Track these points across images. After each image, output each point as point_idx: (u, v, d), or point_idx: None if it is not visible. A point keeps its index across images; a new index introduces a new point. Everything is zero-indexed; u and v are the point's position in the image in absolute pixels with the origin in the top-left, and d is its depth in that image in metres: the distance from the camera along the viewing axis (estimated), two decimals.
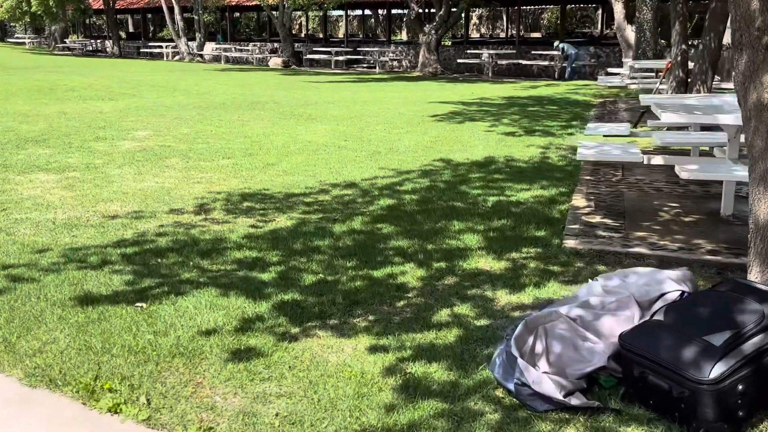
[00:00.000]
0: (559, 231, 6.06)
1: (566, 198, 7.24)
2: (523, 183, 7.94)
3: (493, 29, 47.93)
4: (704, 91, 11.21)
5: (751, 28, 3.39)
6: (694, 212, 6.67)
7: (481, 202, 7.11)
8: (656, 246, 5.61)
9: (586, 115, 14.45)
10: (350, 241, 5.76)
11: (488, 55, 27.62)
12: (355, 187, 7.84)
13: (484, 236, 5.91)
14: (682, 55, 11.59)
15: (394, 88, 21.57)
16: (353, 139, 11.24)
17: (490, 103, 16.53)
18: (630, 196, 7.29)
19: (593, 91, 19.63)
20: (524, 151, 10.08)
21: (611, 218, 6.45)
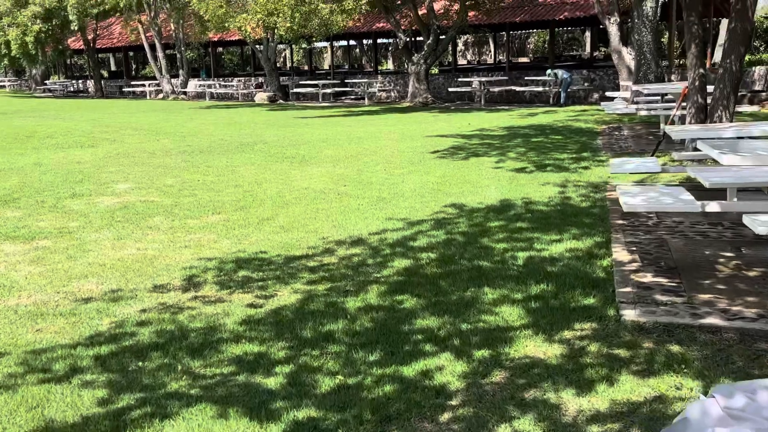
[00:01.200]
0: (610, 296, 5.18)
1: (605, 250, 6.38)
2: (551, 232, 7.08)
3: (479, 55, 47.47)
4: (726, 117, 10.44)
5: None
6: (756, 263, 5.81)
7: (509, 259, 6.23)
8: (730, 314, 4.74)
9: (593, 144, 13.67)
10: (368, 322, 4.86)
11: (479, 82, 26.94)
12: (363, 244, 6.96)
13: (525, 308, 5.02)
14: (700, 79, 10.84)
15: (387, 121, 20.78)
16: (353, 183, 10.38)
17: (492, 135, 15.73)
18: (676, 245, 6.43)
19: (594, 117, 18.89)
20: (541, 190, 9.23)
21: (664, 276, 5.58)
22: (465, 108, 24.96)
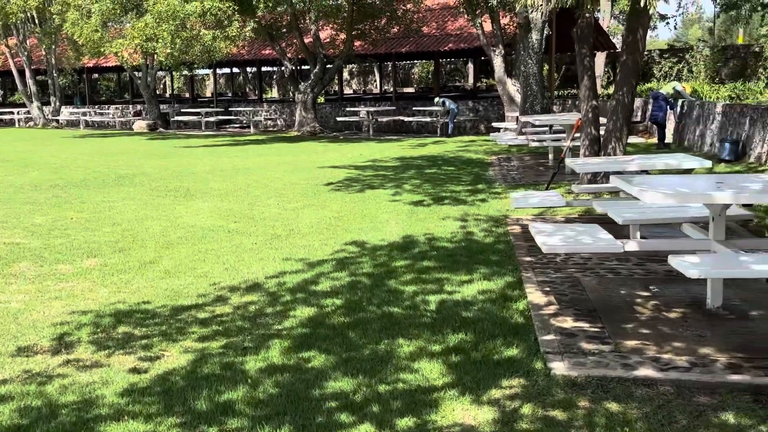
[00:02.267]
0: (533, 345, 4.81)
1: (518, 291, 6.04)
2: (460, 272, 6.70)
3: (365, 84, 47.55)
4: (620, 149, 10.49)
5: None
6: (673, 303, 5.62)
7: (421, 304, 5.79)
8: (662, 363, 4.45)
9: (486, 175, 13.57)
10: (273, 387, 4.27)
11: (367, 112, 26.75)
12: (260, 290, 6.35)
13: (446, 362, 4.57)
14: (593, 111, 10.88)
15: (276, 150, 20.14)
16: (244, 219, 9.71)
17: (385, 166, 15.40)
18: (590, 285, 6.18)
19: (483, 147, 18.95)
20: (442, 225, 8.89)
21: (585, 320, 5.28)
22: (354, 138, 24.66)
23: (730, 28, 42.22)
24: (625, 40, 10.35)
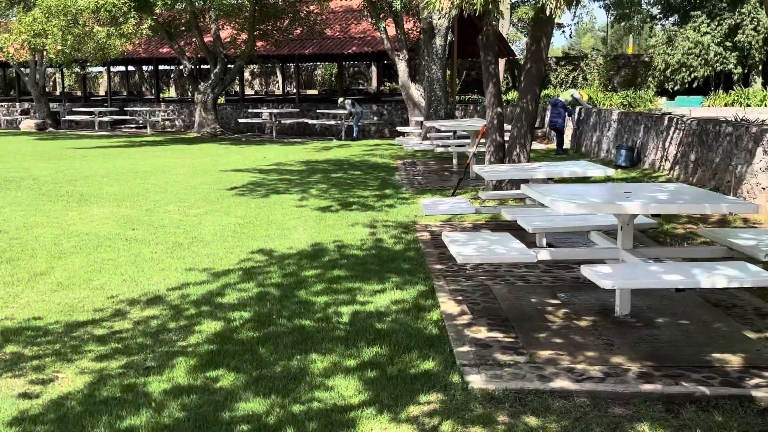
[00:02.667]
0: (449, 358, 4.73)
1: (431, 300, 5.97)
2: (372, 281, 6.58)
3: (267, 85, 46.93)
4: (524, 156, 10.65)
5: None
6: (582, 311, 5.67)
7: (333, 316, 5.63)
8: (577, 374, 4.45)
9: (393, 180, 13.54)
10: (179, 410, 4.01)
11: (270, 113, 26.34)
12: (162, 303, 6.03)
13: (361, 378, 4.42)
14: (498, 117, 11.01)
15: (175, 153, 19.50)
16: (142, 225, 9.28)
17: (290, 170, 15.14)
18: (501, 293, 6.18)
19: (389, 152, 18.96)
20: (351, 232, 8.76)
21: (499, 329, 5.25)
22: (256, 140, 24.23)
23: (621, 38, 44.02)
24: (528, 49, 10.52)
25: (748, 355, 4.70)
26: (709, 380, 4.33)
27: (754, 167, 10.05)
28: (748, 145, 10.23)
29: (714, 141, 11.29)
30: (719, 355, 4.70)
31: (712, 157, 11.29)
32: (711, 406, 4.04)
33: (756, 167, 10.00)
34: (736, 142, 10.59)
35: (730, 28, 27.23)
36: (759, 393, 4.13)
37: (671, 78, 28.40)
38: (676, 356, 4.72)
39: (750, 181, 10.11)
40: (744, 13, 27.09)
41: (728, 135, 10.86)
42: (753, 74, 28.42)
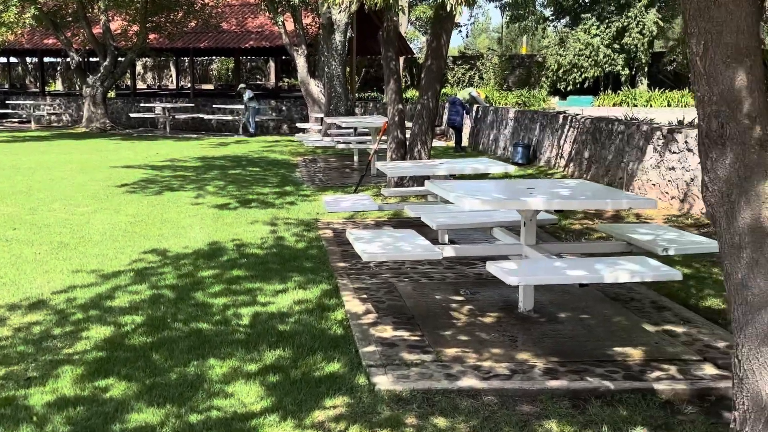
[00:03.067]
0: (354, 358, 4.59)
1: (335, 300, 5.82)
2: (274, 281, 6.36)
3: (160, 79, 45.51)
4: (425, 153, 10.64)
5: (738, 114, 2.30)
6: (488, 307, 5.65)
7: (233, 318, 5.38)
8: (484, 372, 4.40)
9: (294, 177, 13.29)
10: (63, 425, 3.70)
11: (163, 108, 25.48)
12: (46, 308, 5.62)
13: (264, 384, 4.22)
14: (399, 114, 10.95)
15: (62, 148, 18.54)
16: (24, 225, 8.70)
17: (185, 166, 14.63)
18: (406, 291, 6.09)
19: (288, 148, 18.66)
20: (251, 231, 8.49)
21: (405, 328, 5.15)
22: (149, 136, 23.39)
23: (515, 38, 45.12)
24: (429, 46, 10.51)
25: (648, 348, 4.77)
26: (612, 374, 4.36)
27: (644, 164, 10.39)
28: (639, 143, 10.57)
29: (607, 139, 11.63)
30: (621, 349, 4.75)
31: (605, 155, 11.62)
32: (615, 401, 4.06)
33: (647, 164, 10.34)
34: (627, 140, 10.93)
35: (618, 31, 28.30)
36: (660, 386, 4.19)
37: (563, 78, 29.27)
38: (579, 351, 4.74)
39: (641, 177, 10.45)
40: (630, 16, 28.22)
41: (620, 133, 11.20)
42: (639, 76, 29.65)
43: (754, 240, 2.36)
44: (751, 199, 2.34)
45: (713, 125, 2.36)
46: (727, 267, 2.47)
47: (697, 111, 2.45)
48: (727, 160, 2.36)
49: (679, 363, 4.53)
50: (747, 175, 2.34)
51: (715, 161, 2.39)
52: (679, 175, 9.56)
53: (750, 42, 2.29)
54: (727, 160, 2.35)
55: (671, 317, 5.42)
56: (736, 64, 2.28)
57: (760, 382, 2.39)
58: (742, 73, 2.27)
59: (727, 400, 4.09)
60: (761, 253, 2.36)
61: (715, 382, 4.25)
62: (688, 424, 3.78)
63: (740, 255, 2.39)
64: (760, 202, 2.34)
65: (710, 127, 2.38)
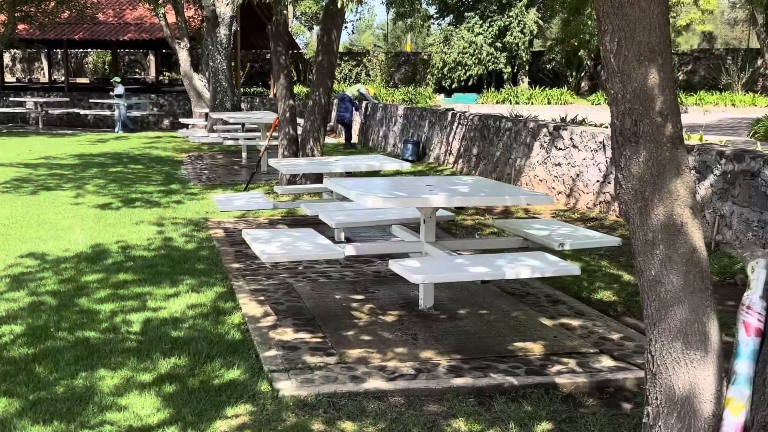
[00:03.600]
0: (255, 364, 4.43)
1: (231, 303, 5.61)
2: (164, 284, 6.07)
3: (30, 72, 43.13)
4: (317, 149, 10.51)
5: (651, 112, 2.31)
6: (388, 306, 5.60)
7: (122, 326, 5.09)
8: (389, 372, 4.34)
9: (179, 174, 12.85)
10: None
11: (35, 103, 24.12)
12: None
13: (160, 395, 3.99)
14: (290, 110, 10.76)
15: None
16: None
17: (62, 164, 13.86)
18: (304, 291, 5.95)
19: (172, 144, 18.04)
20: (136, 231, 8.10)
21: (305, 330, 5.03)
22: (20, 132, 22.09)
23: (400, 36, 45.55)
24: (320, 41, 10.38)
25: (547, 343, 4.85)
26: (515, 370, 4.40)
27: (532, 160, 10.66)
28: (527, 139, 10.84)
29: (495, 136, 11.85)
30: (521, 344, 4.80)
31: (493, 151, 11.85)
32: (520, 396, 4.09)
33: (534, 160, 10.61)
34: (515, 137, 11.18)
35: (500, 30, 29.02)
36: (561, 380, 4.25)
37: (448, 76, 29.75)
38: (481, 347, 4.76)
39: (528, 173, 10.71)
40: (512, 16, 29.00)
41: (508, 130, 11.45)
42: (521, 74, 30.53)
43: (667, 237, 2.40)
44: (664, 197, 2.38)
45: (627, 123, 2.38)
46: (641, 264, 2.50)
47: (610, 109, 2.47)
48: (640, 158, 2.38)
49: (578, 356, 4.63)
50: (660, 172, 2.37)
51: (629, 159, 2.41)
52: (565, 170, 9.86)
53: (661, 40, 2.32)
54: (641, 158, 2.38)
55: (566, 311, 5.55)
56: (649, 62, 2.31)
57: (673, 377, 2.44)
58: (655, 71, 2.30)
59: (624, 391, 4.21)
60: (674, 249, 2.40)
61: (613, 373, 4.36)
62: (590, 417, 3.85)
63: (653, 252, 2.42)
64: (672, 199, 2.38)
65: (624, 125, 2.40)
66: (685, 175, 2.43)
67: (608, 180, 8.94)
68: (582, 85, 30.98)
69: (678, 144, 2.38)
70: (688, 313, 2.39)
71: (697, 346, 2.41)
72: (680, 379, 2.42)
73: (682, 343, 2.41)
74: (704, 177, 7.32)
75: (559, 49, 29.59)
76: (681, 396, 2.41)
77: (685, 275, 2.40)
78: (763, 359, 2.38)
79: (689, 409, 2.42)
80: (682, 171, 2.41)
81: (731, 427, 2.38)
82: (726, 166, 7.04)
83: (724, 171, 7.06)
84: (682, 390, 2.41)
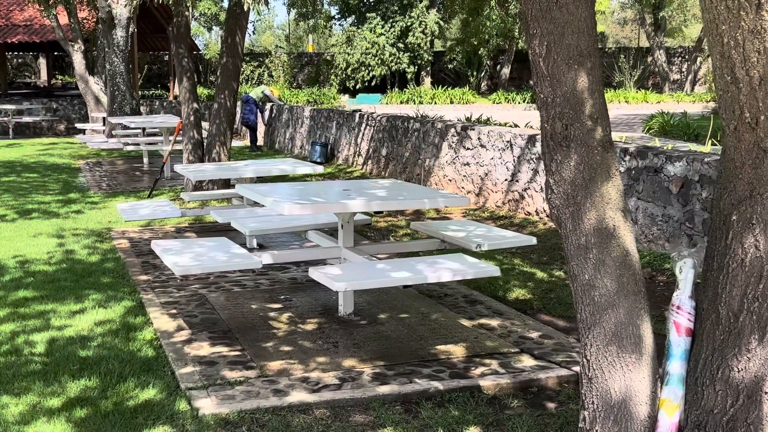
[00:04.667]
0: (171, 382, 4.24)
1: (141, 317, 5.37)
2: (68, 300, 5.76)
3: None
4: (224, 154, 10.25)
5: (581, 116, 2.30)
6: (307, 314, 5.49)
7: (25, 347, 4.78)
8: (313, 383, 4.24)
9: (78, 183, 12.30)
10: None
11: None
12: None
13: (70, 420, 3.76)
14: (195, 114, 10.45)
15: None
16: None
17: None
18: (219, 301, 5.77)
19: (68, 151, 17.28)
20: (35, 245, 7.68)
21: (223, 343, 4.86)
22: None
23: (302, 36, 45.24)
24: (224, 43, 10.13)
25: (468, 344, 4.85)
26: (439, 374, 4.37)
27: (441, 160, 10.74)
28: (435, 140, 10.90)
29: (403, 137, 11.88)
30: (443, 347, 4.79)
31: (402, 152, 11.88)
32: (446, 401, 4.06)
33: (443, 160, 10.69)
34: (423, 138, 11.24)
35: (402, 30, 29.24)
36: (485, 382, 4.25)
37: (352, 76, 29.75)
38: (404, 352, 4.72)
39: (438, 173, 10.79)
40: (413, 16, 29.27)
41: (416, 131, 11.49)
42: (423, 74, 30.85)
43: (599, 241, 2.41)
44: (596, 200, 2.38)
45: (557, 127, 2.37)
46: (574, 268, 2.50)
47: (540, 113, 2.45)
48: (571, 162, 2.37)
49: (499, 356, 4.65)
50: (591, 176, 2.37)
51: (560, 163, 2.40)
52: (474, 170, 9.97)
53: (590, 43, 2.32)
54: (572, 162, 2.37)
55: (484, 311, 5.58)
56: (578, 66, 2.30)
57: (609, 381, 2.44)
58: (584, 75, 2.30)
59: (547, 390, 4.25)
60: (607, 253, 2.40)
61: (535, 373, 4.39)
62: (517, 419, 3.86)
63: (587, 256, 2.42)
64: (604, 202, 2.39)
65: (554, 130, 2.39)
66: (616, 178, 2.45)
67: (516, 178, 9.09)
68: (482, 85, 31.59)
69: (608, 147, 2.39)
70: (622, 317, 2.41)
71: (631, 349, 2.43)
72: (616, 383, 2.43)
73: (617, 346, 2.42)
74: None
75: (460, 50, 30.06)
76: (617, 399, 2.42)
77: (619, 278, 2.42)
78: (694, 359, 2.42)
79: (625, 411, 2.43)
80: (612, 174, 2.42)
81: (666, 427, 2.40)
82: (630, 163, 7.26)
83: (629, 168, 7.27)
84: (618, 393, 2.42)
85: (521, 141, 9.01)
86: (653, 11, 29.43)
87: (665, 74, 30.22)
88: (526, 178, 8.92)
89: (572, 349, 4.73)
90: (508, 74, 31.27)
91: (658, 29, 29.65)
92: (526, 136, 8.94)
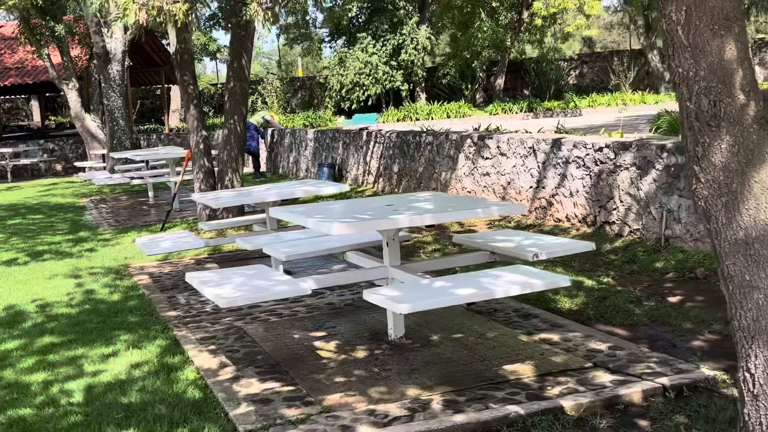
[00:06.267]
0: (227, 426, 3.90)
1: (180, 355, 5.03)
2: (98, 343, 5.41)
3: None
4: (237, 180, 9.94)
5: (732, 89, 1.99)
6: (355, 340, 5.16)
7: (61, 397, 4.43)
8: (381, 416, 3.90)
9: (85, 221, 11.96)
10: None
11: None
12: None
13: None
14: (204, 142, 10.14)
15: None
16: None
17: None
18: (258, 333, 5.43)
19: (70, 190, 16.95)
20: (52, 287, 7.34)
21: (273, 378, 4.52)
22: None
23: (291, 61, 45.09)
24: (230, 67, 9.86)
25: (536, 361, 4.52)
26: (514, 396, 4.04)
27: (458, 172, 10.44)
28: (450, 152, 10.62)
29: (416, 151, 11.59)
30: (510, 367, 4.46)
31: (416, 167, 11.58)
32: (529, 426, 3.73)
33: (460, 172, 10.40)
34: (438, 151, 10.95)
35: (394, 48, 29.04)
36: (566, 402, 3.92)
37: (347, 97, 29.50)
38: (470, 375, 4.39)
39: (455, 186, 10.49)
40: (405, 33, 29.09)
41: (429, 144, 11.21)
42: (418, 90, 30.63)
43: (762, 234, 2.09)
44: (754, 188, 2.06)
45: (703, 105, 2.06)
46: (730, 268, 2.18)
47: (678, 90, 2.15)
48: (723, 145, 2.06)
49: (573, 373, 4.32)
50: (748, 159, 2.06)
51: (708, 147, 2.09)
52: (494, 179, 9.67)
53: (735, 5, 2.03)
54: (723, 144, 2.06)
55: (541, 324, 5.25)
56: (724, 32, 2.01)
57: None
58: (731, 42, 2.00)
59: (634, 406, 3.92)
60: None
61: (616, 388, 4.06)
62: None
63: (747, 252, 2.10)
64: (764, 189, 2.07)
65: (700, 108, 2.08)
66: None
67: (542, 185, 8.79)
68: (477, 97, 31.36)
69: (765, 126, 2.09)
70: None
71: None
72: None
73: None
74: (646, 173, 7.24)
75: (453, 64, 29.86)
76: None
77: None
78: None
79: None
80: None
81: None
82: (668, 160, 6.97)
83: (667, 165, 6.98)
84: None
85: (545, 146, 8.72)
86: (644, 12, 29.34)
87: (660, 74, 30.10)
88: (553, 184, 8.62)
89: (648, 360, 4.41)
90: (503, 84, 31.07)
91: (649, 30, 29.54)
92: (550, 140, 8.65)
